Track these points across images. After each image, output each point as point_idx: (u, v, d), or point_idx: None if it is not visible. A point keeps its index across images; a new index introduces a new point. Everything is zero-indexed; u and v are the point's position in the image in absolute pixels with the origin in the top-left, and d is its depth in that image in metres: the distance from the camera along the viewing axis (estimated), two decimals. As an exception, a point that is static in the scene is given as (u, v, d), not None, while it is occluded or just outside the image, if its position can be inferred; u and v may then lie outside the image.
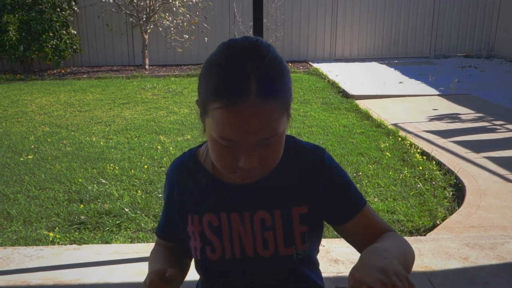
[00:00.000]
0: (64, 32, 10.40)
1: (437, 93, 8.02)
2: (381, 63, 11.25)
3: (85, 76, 10.20)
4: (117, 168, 4.75)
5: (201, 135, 1.28)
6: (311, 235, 1.21)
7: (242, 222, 1.18)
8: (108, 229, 3.55)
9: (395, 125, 6.13)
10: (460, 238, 3.19)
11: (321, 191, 1.19)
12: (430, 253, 3.01)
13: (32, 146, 5.52)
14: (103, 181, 4.42)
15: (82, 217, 3.71)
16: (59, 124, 6.52)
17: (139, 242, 3.33)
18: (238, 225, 1.18)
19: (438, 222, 3.54)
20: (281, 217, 1.17)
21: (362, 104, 7.32)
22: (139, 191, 4.17)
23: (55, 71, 10.66)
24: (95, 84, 9.33)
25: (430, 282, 2.69)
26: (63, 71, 10.69)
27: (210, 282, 1.25)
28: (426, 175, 4.41)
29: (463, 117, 6.59)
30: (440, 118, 6.55)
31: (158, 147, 5.40)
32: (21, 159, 5.08)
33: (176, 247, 1.31)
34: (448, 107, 7.13)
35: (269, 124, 0.99)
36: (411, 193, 4.05)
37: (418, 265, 2.85)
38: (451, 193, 4.06)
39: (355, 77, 9.43)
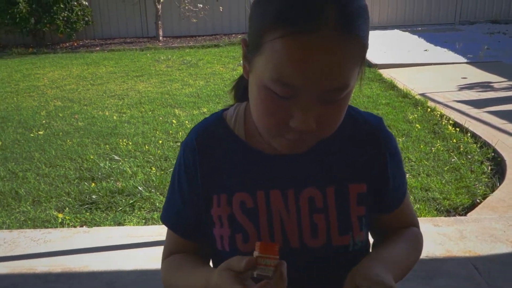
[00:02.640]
0: (75, 3, 10.12)
1: (465, 60, 7.59)
2: (403, 31, 10.77)
3: (97, 48, 9.94)
4: (130, 143, 4.52)
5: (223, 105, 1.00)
6: (367, 221, 0.95)
7: (285, 202, 0.91)
8: (121, 209, 3.33)
9: (422, 95, 5.78)
10: (506, 219, 2.90)
11: (380, 170, 0.95)
12: (473, 235, 2.72)
13: (43, 121, 5.31)
14: (116, 157, 4.20)
15: (94, 196, 3.49)
16: (71, 98, 6.30)
17: (154, 223, 3.10)
18: (280, 207, 0.91)
19: (478, 200, 3.23)
20: (336, 196, 0.91)
21: (386, 73, 6.95)
22: (154, 168, 3.94)
23: (67, 44, 10.42)
24: (108, 56, 9.07)
25: (475, 268, 2.41)
26: (75, 44, 10.44)
27: None
28: (461, 148, 4.08)
29: (495, 85, 6.18)
30: (470, 87, 6.16)
31: (173, 121, 5.14)
32: (32, 135, 4.88)
33: (200, 250, 1.01)
34: (478, 75, 6.72)
35: (342, 70, 0.72)
36: (446, 168, 3.75)
37: (461, 250, 2.57)
38: (489, 167, 3.73)
39: (377, 45, 8.99)
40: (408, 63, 7.53)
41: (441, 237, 2.72)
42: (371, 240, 1.03)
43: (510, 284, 2.29)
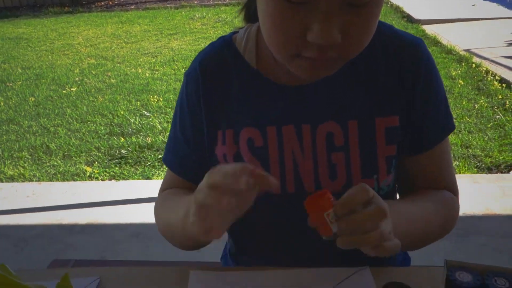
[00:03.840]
0: (110, -38, 10.03)
1: (516, 15, 7.11)
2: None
3: (132, 7, 9.87)
4: (161, 100, 4.46)
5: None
6: (397, 162, 0.82)
7: (300, 139, 0.79)
8: (149, 164, 3.29)
9: (467, 51, 5.44)
10: (553, 177, 2.69)
11: (419, 99, 0.79)
12: (516, 193, 2.54)
13: (77, 79, 5.32)
14: (146, 113, 4.16)
15: (123, 151, 3.47)
16: (105, 56, 6.28)
17: (181, 178, 3.05)
18: (293, 144, 0.79)
19: (523, 158, 3.02)
20: (359, 131, 0.78)
21: (430, 29, 6.59)
22: (183, 124, 3.87)
23: (102, 3, 10.40)
24: (143, 15, 9.00)
25: (517, 228, 2.25)
26: (110, 3, 10.40)
27: (245, 232, 0.88)
28: (507, 105, 3.82)
29: (547, 40, 5.76)
30: (520, 42, 5.76)
31: (205, 78, 5.04)
32: (64, 91, 4.89)
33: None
34: (529, 30, 6.27)
35: None
36: (489, 125, 3.52)
37: (502, 208, 2.40)
38: (537, 125, 3.48)
39: (420, 0, 8.54)
40: (453, 18, 7.11)
41: (480, 195, 2.55)
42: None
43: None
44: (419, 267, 0.75)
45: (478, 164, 3.01)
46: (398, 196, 0.90)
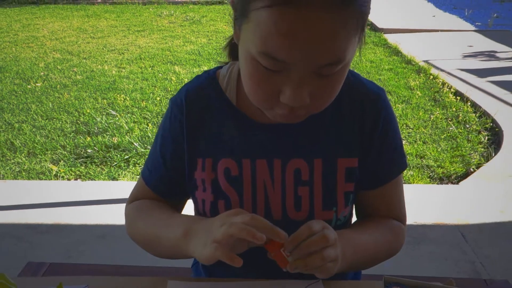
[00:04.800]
0: (77, -47, 9.87)
1: (473, 28, 7.47)
2: (412, -5, 10.53)
3: (99, 1, 9.76)
4: (128, 99, 4.49)
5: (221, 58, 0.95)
6: (354, 197, 0.94)
7: (271, 172, 0.89)
8: (115, 164, 3.33)
9: (426, 61, 5.70)
10: (497, 189, 2.90)
11: (376, 144, 0.91)
12: (463, 204, 2.73)
13: (42, 73, 5.27)
14: (113, 112, 4.18)
15: (89, 150, 3.49)
16: (71, 50, 6.22)
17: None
18: (265, 176, 0.89)
19: (472, 169, 3.23)
20: (323, 169, 0.89)
21: (391, 38, 6.84)
22: (150, 125, 3.93)
23: (68, -5, 10.23)
24: (110, 9, 8.92)
25: (462, 236, 2.43)
26: (77, -5, 10.25)
27: None
28: (460, 117, 4.05)
29: (501, 55, 6.09)
30: (475, 55, 6.07)
31: (173, 78, 5.09)
32: (29, 86, 4.84)
33: (167, 205, 0.99)
34: (484, 43, 6.61)
35: (337, 45, 0.67)
36: (443, 136, 3.73)
37: (450, 217, 2.59)
38: (486, 137, 3.72)
39: (383, 9, 8.82)
40: (414, 29, 7.40)
41: (431, 204, 2.74)
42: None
43: (496, 251, 2.32)
44: (366, 281, 0.87)
45: (431, 174, 3.20)
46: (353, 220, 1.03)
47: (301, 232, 0.76)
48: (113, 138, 3.68)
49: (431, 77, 5.09)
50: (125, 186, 2.95)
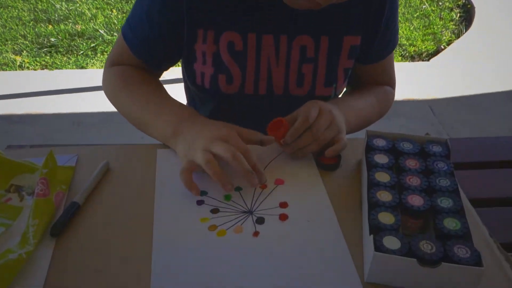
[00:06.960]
0: None
1: None
2: None
3: None
4: (88, -16, 4.22)
5: None
6: (349, 73, 0.97)
7: (277, 48, 0.88)
8: (82, 53, 3.22)
9: None
10: (465, 64, 2.95)
11: (381, 24, 0.91)
12: (432, 80, 2.79)
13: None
14: (73, -1, 3.95)
15: (52, 39, 3.35)
16: None
17: (118, 67, 3.04)
18: (270, 52, 0.88)
19: (442, 46, 3.26)
20: (328, 46, 0.89)
21: None
22: (114, 11, 3.74)
23: None
24: None
25: (431, 110, 2.52)
26: None
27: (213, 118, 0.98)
28: (433, -5, 4.00)
29: None
30: None
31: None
32: (-22, -27, 4.48)
33: (151, 72, 0.95)
34: None
35: None
36: (416, 15, 3.70)
37: (421, 93, 2.65)
38: (458, 15, 3.70)
39: None
40: None
41: (403, 82, 2.78)
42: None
43: (459, 122, 2.42)
44: (348, 139, 0.89)
45: (403, 52, 3.22)
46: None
47: (299, 125, 0.79)
48: (77, 26, 3.51)
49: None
50: (94, 75, 2.88)
